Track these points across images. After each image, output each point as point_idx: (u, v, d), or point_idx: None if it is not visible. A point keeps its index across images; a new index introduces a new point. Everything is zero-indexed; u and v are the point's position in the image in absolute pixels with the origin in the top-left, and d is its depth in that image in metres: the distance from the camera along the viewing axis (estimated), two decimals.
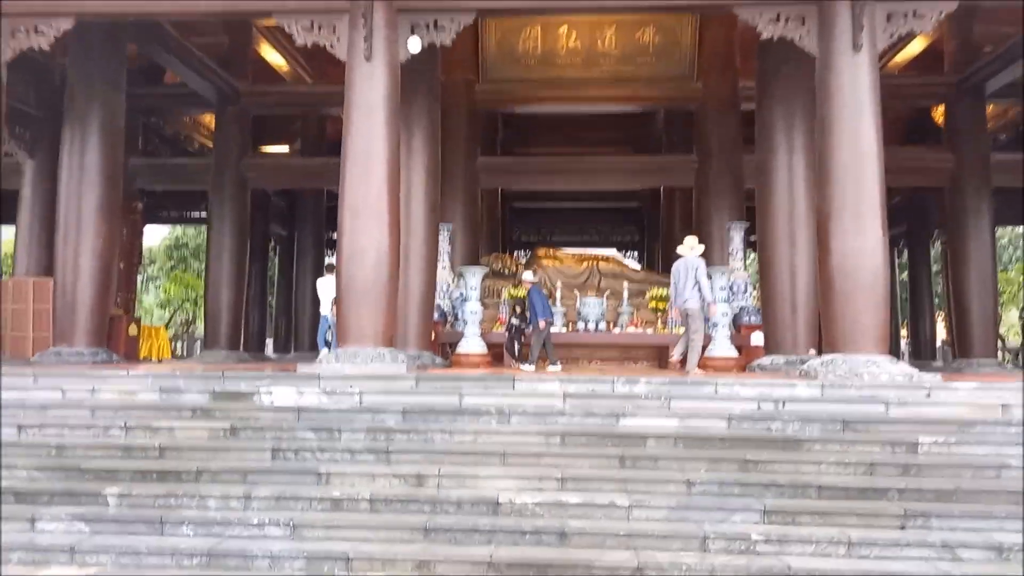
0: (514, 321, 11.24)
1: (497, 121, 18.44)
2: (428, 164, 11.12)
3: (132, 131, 16.74)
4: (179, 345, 21.98)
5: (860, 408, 6.43)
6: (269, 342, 27.01)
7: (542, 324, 10.00)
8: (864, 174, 7.94)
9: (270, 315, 22.37)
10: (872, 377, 7.13)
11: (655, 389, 6.82)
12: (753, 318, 12.60)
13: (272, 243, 22.18)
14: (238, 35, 15.51)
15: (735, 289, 12.23)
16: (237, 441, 6.05)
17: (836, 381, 7.03)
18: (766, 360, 10.44)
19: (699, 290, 9.16)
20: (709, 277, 9.76)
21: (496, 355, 12.06)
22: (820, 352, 8.83)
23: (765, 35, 8.64)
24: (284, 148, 19.73)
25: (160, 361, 13.88)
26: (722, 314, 10.73)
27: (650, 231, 23.45)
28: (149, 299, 29.81)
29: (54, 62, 13.06)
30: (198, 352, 19.98)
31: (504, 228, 21.81)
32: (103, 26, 10.76)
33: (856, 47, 8.09)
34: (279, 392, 6.76)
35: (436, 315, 12.57)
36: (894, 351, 14.01)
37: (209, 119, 17.56)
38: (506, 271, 14.06)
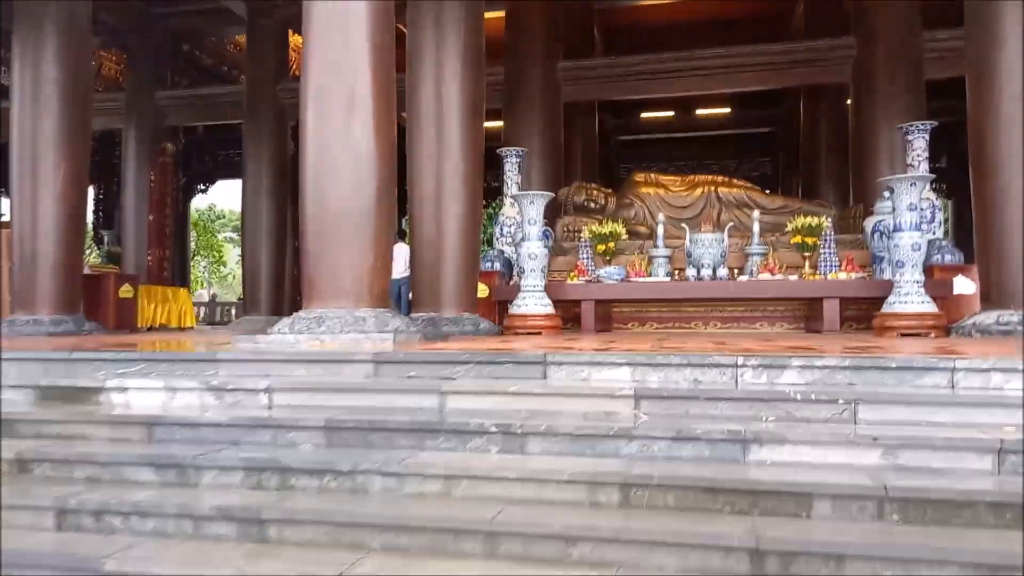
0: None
1: (590, 17, 14.87)
2: (466, 51, 7.91)
3: (161, 60, 14.61)
4: (202, 311, 20.33)
5: None
6: None
7: None
8: None
9: None
10: None
11: (824, 379, 3.46)
12: (948, 256, 8.69)
13: None
14: None
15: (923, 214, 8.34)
16: (11, 487, 3.26)
17: None
18: (986, 317, 6.65)
19: None
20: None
21: (570, 318, 8.86)
22: None
23: None
24: None
25: (182, 329, 11.67)
26: (912, 247, 6.98)
27: (787, 161, 19.14)
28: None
29: None
30: (233, 318, 18.07)
31: (603, 166, 18.25)
32: None
33: None
34: (138, 389, 3.92)
35: (495, 265, 9.50)
36: None
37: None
38: (593, 204, 10.72)
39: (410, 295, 8.42)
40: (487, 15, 12.41)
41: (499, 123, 12.35)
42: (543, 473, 2.97)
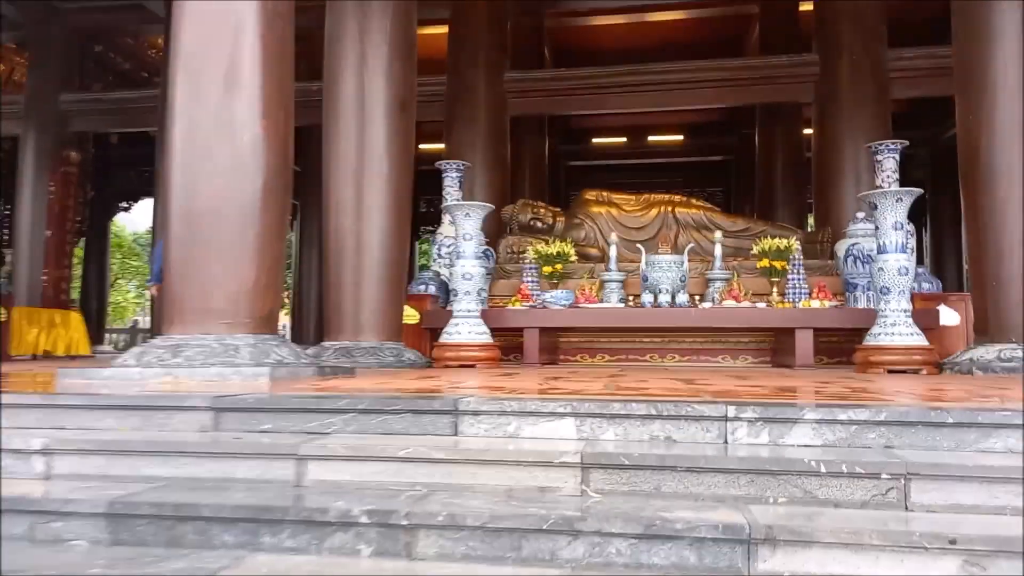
0: None
1: (540, 35, 14.01)
2: (394, 38, 6.84)
3: (69, 61, 13.21)
4: (122, 339, 18.70)
5: None
6: (284, 328, 23.52)
7: None
8: None
9: (292, 296, 18.66)
10: None
11: (850, 440, 2.42)
12: (927, 284, 7.90)
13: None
14: None
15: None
16: None
17: None
18: (985, 352, 5.78)
19: None
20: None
21: (513, 348, 7.77)
22: None
23: None
24: None
25: (71, 358, 10.17)
26: (898, 271, 6.10)
27: (740, 189, 18.54)
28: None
29: None
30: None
31: (553, 191, 17.27)
32: None
33: None
34: None
35: (429, 288, 8.39)
36: None
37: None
38: (540, 224, 9.69)
39: None
40: (431, 30, 11.50)
41: (441, 145, 11.34)
42: None
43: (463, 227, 6.74)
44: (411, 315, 7.70)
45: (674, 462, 2.30)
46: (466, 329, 6.57)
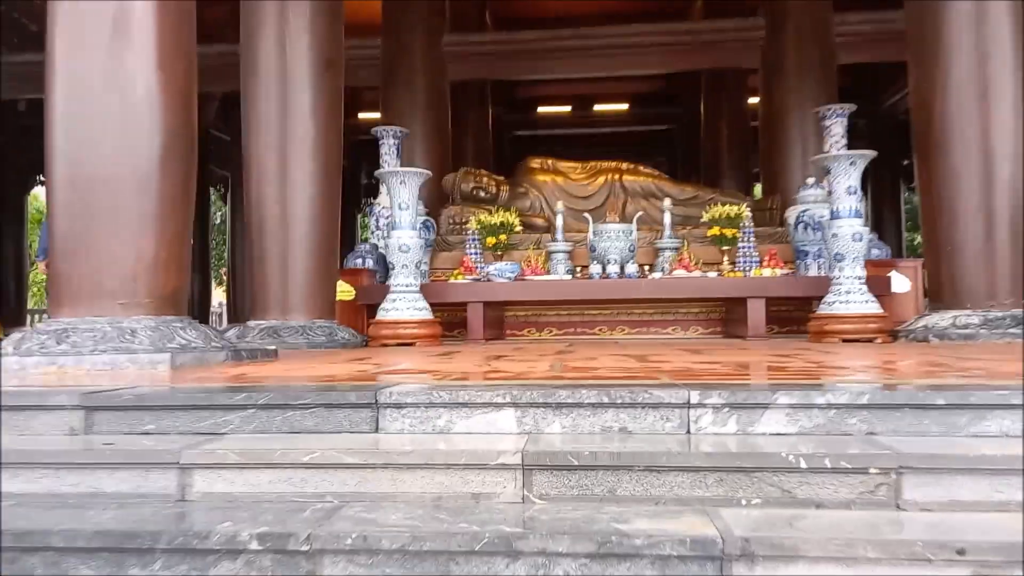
0: None
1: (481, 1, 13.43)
2: None
3: None
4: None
5: None
6: (221, 306, 22.63)
7: None
8: None
9: (228, 272, 17.84)
10: None
11: (829, 426, 2.11)
12: (876, 251, 7.79)
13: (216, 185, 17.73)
14: None
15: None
16: None
17: None
18: (940, 319, 5.65)
19: None
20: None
21: (457, 323, 7.40)
22: None
23: None
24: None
25: None
26: (852, 237, 5.90)
27: (685, 158, 18.38)
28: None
29: None
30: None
31: (498, 161, 16.75)
32: None
33: None
34: None
35: (367, 261, 7.92)
36: None
37: None
38: (483, 193, 9.26)
39: None
40: None
41: (378, 115, 10.77)
42: None
43: (398, 195, 6.28)
44: (346, 291, 7.23)
45: (631, 460, 1.95)
46: (404, 305, 6.14)
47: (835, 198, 5.98)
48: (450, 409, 2.24)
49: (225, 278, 19.58)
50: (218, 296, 23.20)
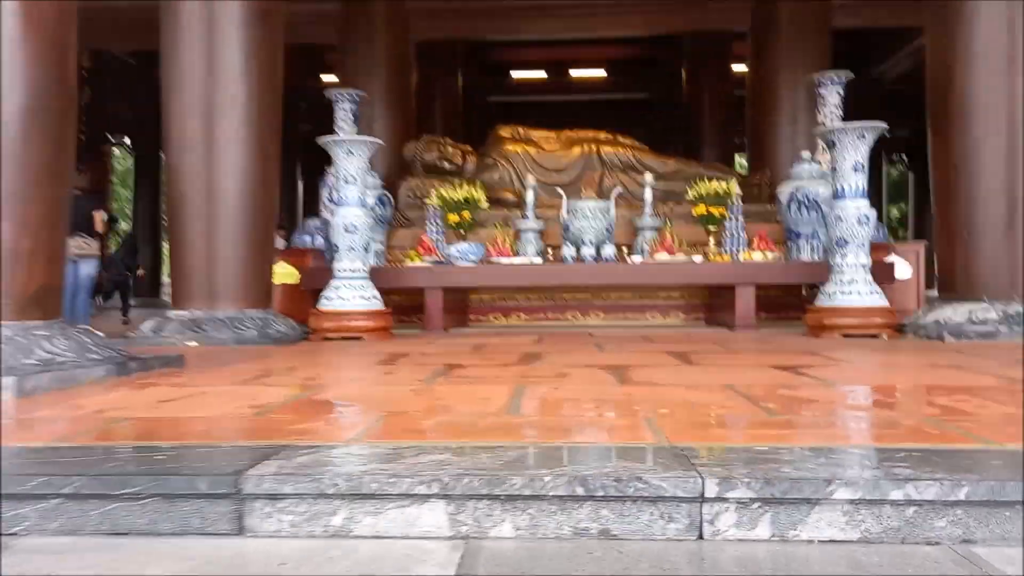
0: None
1: None
2: None
3: None
4: None
5: None
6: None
7: None
8: None
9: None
10: None
11: (905, 531, 1.42)
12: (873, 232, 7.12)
13: None
14: None
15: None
16: None
17: None
18: (953, 313, 5.02)
19: None
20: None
21: (415, 308, 6.66)
22: None
23: None
24: None
25: None
26: (858, 220, 5.23)
27: (665, 128, 17.60)
28: None
29: None
30: None
31: (471, 130, 15.85)
32: None
33: None
34: None
35: (315, 240, 7.13)
36: None
37: None
38: (448, 164, 8.46)
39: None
40: None
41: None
42: None
43: (345, 168, 5.47)
44: (289, 274, 6.45)
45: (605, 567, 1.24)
46: (350, 294, 5.38)
47: (839, 175, 5.31)
48: (349, 502, 1.51)
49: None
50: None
